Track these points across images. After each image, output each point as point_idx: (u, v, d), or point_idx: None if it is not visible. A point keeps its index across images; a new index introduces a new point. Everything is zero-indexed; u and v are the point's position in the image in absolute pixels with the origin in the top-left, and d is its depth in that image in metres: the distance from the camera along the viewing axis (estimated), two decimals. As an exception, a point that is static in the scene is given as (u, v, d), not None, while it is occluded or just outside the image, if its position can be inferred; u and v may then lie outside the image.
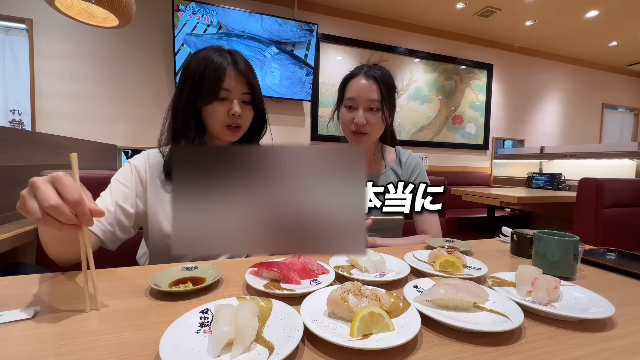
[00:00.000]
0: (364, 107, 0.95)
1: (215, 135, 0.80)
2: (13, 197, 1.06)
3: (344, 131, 1.02)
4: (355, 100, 0.96)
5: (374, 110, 0.95)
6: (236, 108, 0.75)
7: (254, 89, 0.79)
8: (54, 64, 2.52)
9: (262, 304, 0.46)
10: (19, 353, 0.36)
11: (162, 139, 0.80)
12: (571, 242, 0.63)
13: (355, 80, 0.97)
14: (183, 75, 0.77)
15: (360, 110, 0.95)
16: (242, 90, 0.77)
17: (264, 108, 0.84)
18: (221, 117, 0.76)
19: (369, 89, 0.94)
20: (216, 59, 0.74)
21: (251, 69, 0.79)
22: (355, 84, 0.96)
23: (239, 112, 0.76)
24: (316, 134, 3.31)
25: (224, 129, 0.77)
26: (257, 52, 2.74)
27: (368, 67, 0.98)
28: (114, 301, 0.49)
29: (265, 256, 0.75)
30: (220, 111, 0.76)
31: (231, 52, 0.78)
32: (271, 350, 0.36)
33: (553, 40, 3.98)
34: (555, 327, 0.45)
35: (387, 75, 0.97)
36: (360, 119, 0.94)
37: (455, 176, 3.60)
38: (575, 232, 1.09)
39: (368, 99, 0.94)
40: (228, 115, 0.76)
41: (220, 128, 0.77)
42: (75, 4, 1.46)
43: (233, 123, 0.77)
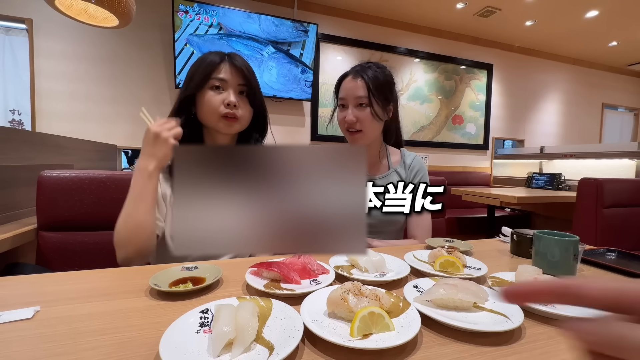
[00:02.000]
0: (353, 105, 0.96)
1: (212, 126, 0.81)
2: (13, 197, 1.07)
3: (341, 130, 1.04)
4: (345, 99, 0.98)
5: (363, 106, 0.96)
6: (231, 97, 0.78)
7: (249, 82, 0.81)
8: (54, 64, 2.52)
9: (262, 304, 0.46)
10: (19, 353, 0.36)
11: None
12: (571, 242, 0.63)
13: (345, 80, 0.99)
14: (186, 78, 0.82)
15: (349, 109, 0.96)
16: (238, 81, 0.80)
17: (262, 103, 0.86)
18: (216, 107, 0.78)
19: (355, 86, 0.96)
20: (213, 57, 0.79)
21: (248, 66, 0.82)
22: (345, 83, 0.99)
23: (234, 101, 0.78)
24: (316, 134, 3.31)
25: (220, 119, 0.79)
26: (255, 52, 2.86)
27: (360, 66, 0.99)
28: (114, 301, 0.49)
29: (267, 256, 0.75)
30: (215, 101, 0.78)
31: (229, 53, 0.82)
32: (271, 350, 0.36)
33: (553, 40, 3.98)
34: (555, 327, 0.45)
35: (378, 72, 0.98)
36: (350, 116, 0.96)
37: (455, 176, 3.59)
38: (575, 232, 1.09)
39: (355, 96, 0.95)
40: (224, 105, 0.78)
41: (216, 118, 0.79)
42: (76, 4, 1.46)
43: (229, 113, 0.78)
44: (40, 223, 0.92)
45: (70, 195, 0.93)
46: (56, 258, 0.92)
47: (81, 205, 0.94)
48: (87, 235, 0.96)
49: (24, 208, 1.07)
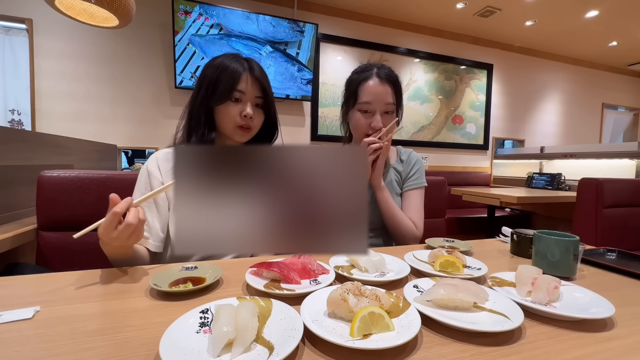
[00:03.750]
0: (381, 111, 0.94)
1: (227, 134, 0.83)
2: (13, 197, 1.07)
3: (356, 133, 1.00)
4: (371, 104, 0.94)
5: (390, 113, 0.95)
6: (248, 110, 0.79)
7: (266, 94, 0.83)
8: (54, 64, 2.52)
9: (262, 304, 0.46)
10: (19, 353, 0.36)
11: (177, 137, 0.85)
12: (571, 242, 0.63)
13: (369, 82, 0.95)
14: (200, 80, 0.82)
15: (377, 115, 0.93)
16: (255, 94, 0.81)
17: (275, 113, 0.88)
18: (233, 117, 0.80)
19: (384, 92, 0.93)
20: (233, 65, 0.79)
21: (265, 76, 0.83)
22: (370, 86, 0.94)
23: (250, 113, 0.79)
24: (316, 134, 3.31)
25: (236, 129, 0.81)
26: (253, 51, 2.92)
27: (377, 68, 0.96)
28: (114, 301, 0.49)
29: (268, 256, 0.75)
30: (233, 111, 0.79)
31: (248, 59, 0.82)
32: (271, 350, 0.36)
33: (553, 40, 3.98)
34: (555, 327, 0.45)
35: (396, 76, 0.97)
36: (379, 123, 0.93)
37: (455, 176, 3.59)
38: (575, 232, 1.09)
39: (385, 103, 0.93)
40: (240, 116, 0.80)
41: (232, 128, 0.81)
42: (76, 4, 1.46)
43: (244, 124, 0.81)
44: (40, 223, 0.92)
45: (70, 195, 0.93)
46: (56, 258, 0.92)
47: (81, 205, 0.94)
48: (87, 235, 0.95)
49: (24, 208, 1.07)
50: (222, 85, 0.78)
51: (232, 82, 0.78)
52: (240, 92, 0.79)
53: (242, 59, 0.82)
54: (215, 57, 0.82)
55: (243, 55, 0.83)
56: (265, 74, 0.83)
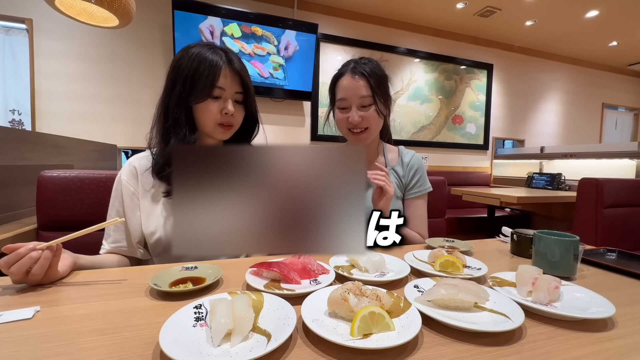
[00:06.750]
0: (356, 105, 0.92)
1: (207, 132, 0.79)
2: (13, 197, 1.07)
3: (340, 131, 0.99)
4: (346, 100, 0.93)
5: (367, 106, 0.92)
6: (229, 107, 0.75)
7: (247, 89, 0.79)
8: (54, 64, 2.52)
9: (254, 297, 0.47)
10: (19, 353, 0.36)
11: (152, 137, 0.80)
12: (571, 242, 0.63)
13: (343, 79, 0.94)
14: (174, 72, 0.75)
15: (353, 110, 0.92)
16: (235, 89, 0.77)
17: (255, 108, 0.84)
18: (214, 115, 0.75)
19: (357, 86, 0.91)
20: (211, 57, 0.73)
21: (245, 68, 0.79)
22: (344, 83, 0.93)
23: (232, 111, 0.75)
24: (316, 134, 3.31)
25: (216, 126, 0.77)
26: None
27: (354, 63, 0.95)
28: (114, 301, 0.49)
29: (266, 256, 0.75)
30: (213, 109, 0.75)
31: (225, 50, 0.77)
32: (269, 338, 0.38)
33: (553, 40, 3.98)
34: (555, 327, 0.45)
35: (375, 67, 0.94)
36: (354, 117, 0.91)
37: (455, 176, 3.59)
38: (575, 232, 1.09)
39: (359, 97, 0.91)
40: (221, 114, 0.75)
41: (212, 126, 0.76)
42: (76, 4, 1.46)
43: (225, 122, 0.77)
44: (40, 223, 0.92)
45: (70, 195, 0.93)
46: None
47: (81, 205, 0.94)
48: (87, 235, 0.95)
49: (24, 208, 1.07)
50: (200, 81, 0.72)
51: (211, 78, 0.72)
52: (220, 88, 0.74)
53: (219, 49, 0.76)
54: (190, 46, 0.76)
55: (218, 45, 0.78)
56: (244, 66, 0.79)
